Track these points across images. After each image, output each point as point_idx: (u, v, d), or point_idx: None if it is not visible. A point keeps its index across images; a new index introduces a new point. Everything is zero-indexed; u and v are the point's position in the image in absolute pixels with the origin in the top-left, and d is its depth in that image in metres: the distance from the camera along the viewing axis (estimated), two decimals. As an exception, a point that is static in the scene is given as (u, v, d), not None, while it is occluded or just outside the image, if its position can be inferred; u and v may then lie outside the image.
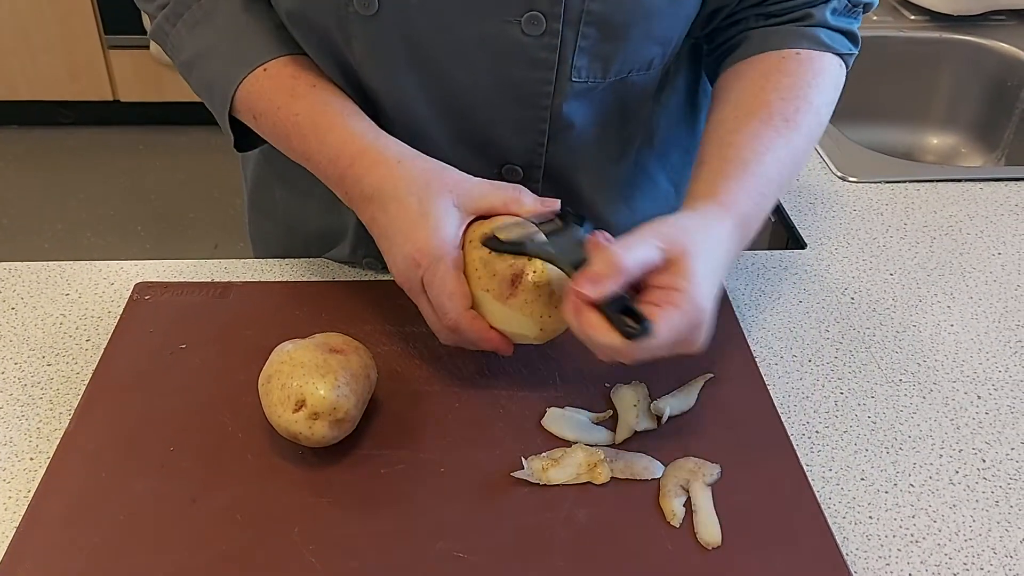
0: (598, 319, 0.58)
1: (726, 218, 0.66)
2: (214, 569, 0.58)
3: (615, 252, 0.58)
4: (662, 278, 0.60)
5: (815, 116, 0.73)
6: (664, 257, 0.60)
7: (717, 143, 0.71)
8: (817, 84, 0.74)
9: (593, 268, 0.58)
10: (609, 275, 0.58)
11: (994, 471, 0.68)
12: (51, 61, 2.82)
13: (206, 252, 2.50)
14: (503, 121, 0.74)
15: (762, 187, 0.68)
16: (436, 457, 0.66)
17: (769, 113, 0.71)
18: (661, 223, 0.62)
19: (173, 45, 0.75)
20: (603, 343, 0.58)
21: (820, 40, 0.75)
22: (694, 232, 0.62)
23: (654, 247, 0.60)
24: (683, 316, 0.58)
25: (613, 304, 0.58)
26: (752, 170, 0.68)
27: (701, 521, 0.61)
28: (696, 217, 0.65)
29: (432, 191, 0.65)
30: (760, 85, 0.73)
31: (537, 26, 0.67)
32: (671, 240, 0.60)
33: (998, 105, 1.40)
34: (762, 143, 0.69)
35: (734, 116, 0.72)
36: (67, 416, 0.70)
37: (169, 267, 0.85)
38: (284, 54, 0.72)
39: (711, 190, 0.67)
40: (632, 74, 0.74)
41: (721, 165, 0.69)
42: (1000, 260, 0.91)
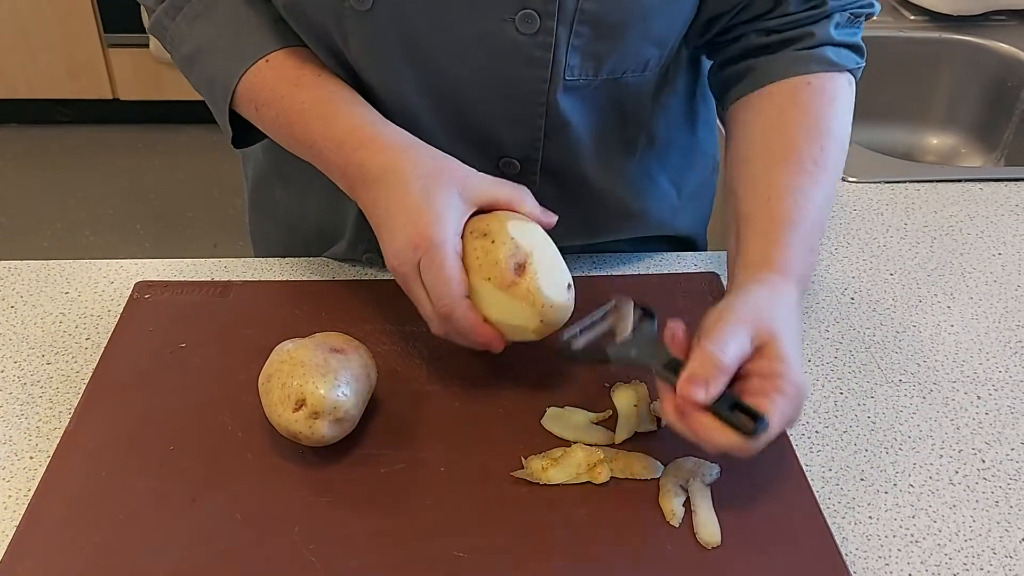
0: (712, 421, 0.58)
1: (790, 284, 0.66)
2: (214, 568, 0.58)
3: (714, 352, 0.58)
4: (759, 365, 0.60)
5: (839, 149, 0.73)
6: (754, 344, 0.60)
7: (755, 200, 0.70)
8: (834, 113, 0.73)
9: (695, 371, 0.58)
10: (714, 377, 0.58)
11: (994, 471, 0.68)
12: (50, 59, 2.81)
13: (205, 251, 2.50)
14: (499, 116, 0.74)
15: (810, 241, 0.68)
16: (436, 456, 0.66)
17: (798, 159, 0.70)
18: (740, 308, 0.62)
19: (172, 39, 0.75)
20: (722, 444, 0.58)
21: (829, 60, 0.74)
22: (773, 310, 0.62)
23: (745, 336, 0.60)
24: (789, 400, 0.59)
25: (722, 403, 0.58)
26: (799, 228, 0.68)
27: (700, 521, 0.61)
28: (766, 293, 0.65)
29: (439, 179, 0.65)
30: (779, 126, 0.72)
31: (531, 24, 0.67)
32: (757, 325, 0.61)
33: (998, 105, 1.40)
34: (801, 194, 0.69)
35: (761, 160, 0.71)
36: (67, 415, 0.70)
37: (169, 266, 0.85)
38: (286, 45, 0.72)
39: (767, 259, 0.67)
40: (627, 75, 0.74)
41: (769, 228, 0.68)
42: (1000, 260, 0.91)
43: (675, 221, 0.90)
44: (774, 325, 0.61)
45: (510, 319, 0.65)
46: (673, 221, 0.90)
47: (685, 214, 0.91)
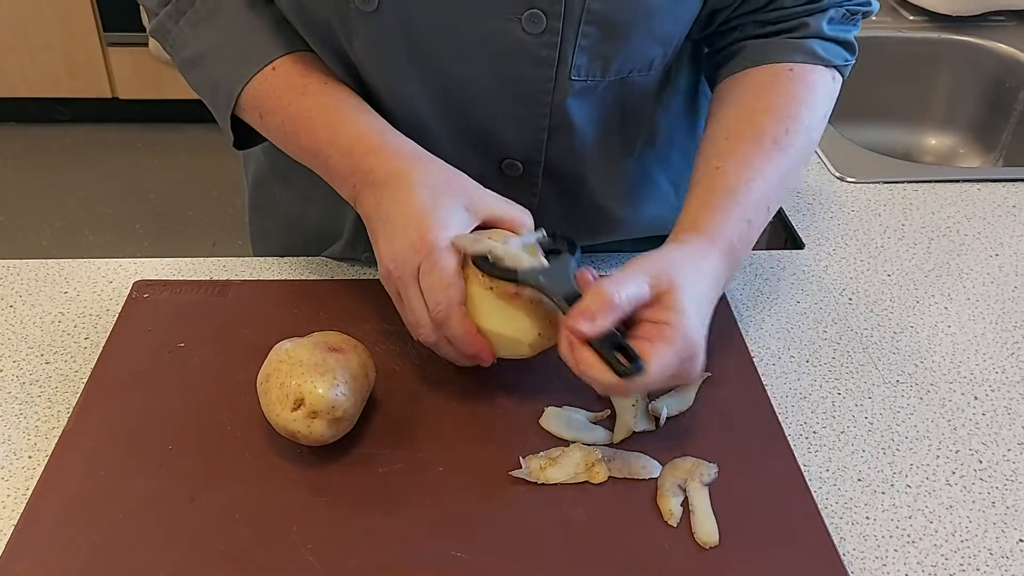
0: (592, 356, 0.59)
1: (711, 249, 0.67)
2: (213, 568, 0.58)
3: (607, 289, 0.60)
4: (651, 312, 0.61)
5: (805, 136, 0.73)
6: (652, 292, 0.61)
7: (705, 169, 0.72)
8: (808, 102, 0.74)
9: (586, 304, 0.60)
10: (602, 312, 0.59)
11: (991, 472, 0.68)
12: (50, 58, 2.81)
13: (204, 250, 2.50)
14: (503, 117, 0.74)
15: (748, 214, 0.69)
16: (434, 456, 0.66)
17: (759, 136, 0.71)
18: (648, 258, 0.64)
19: (174, 42, 0.75)
20: (598, 380, 0.60)
21: (814, 53, 0.75)
22: (682, 265, 0.64)
23: (643, 282, 0.61)
24: (674, 350, 0.60)
25: (606, 341, 0.59)
26: (738, 198, 0.69)
27: (698, 521, 0.62)
28: (682, 250, 0.67)
29: (447, 189, 0.66)
30: (752, 105, 0.74)
31: (537, 24, 0.67)
32: (659, 275, 0.62)
33: (996, 106, 1.41)
34: (750, 168, 0.70)
35: (724, 139, 0.73)
36: (66, 414, 0.70)
37: (168, 265, 0.85)
38: (290, 51, 0.72)
39: (696, 222, 0.69)
40: (633, 74, 0.74)
41: (707, 195, 0.70)
42: (997, 261, 0.91)
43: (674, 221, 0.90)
44: (676, 278, 0.62)
45: (508, 331, 0.65)
46: (673, 221, 0.90)
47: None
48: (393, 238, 0.65)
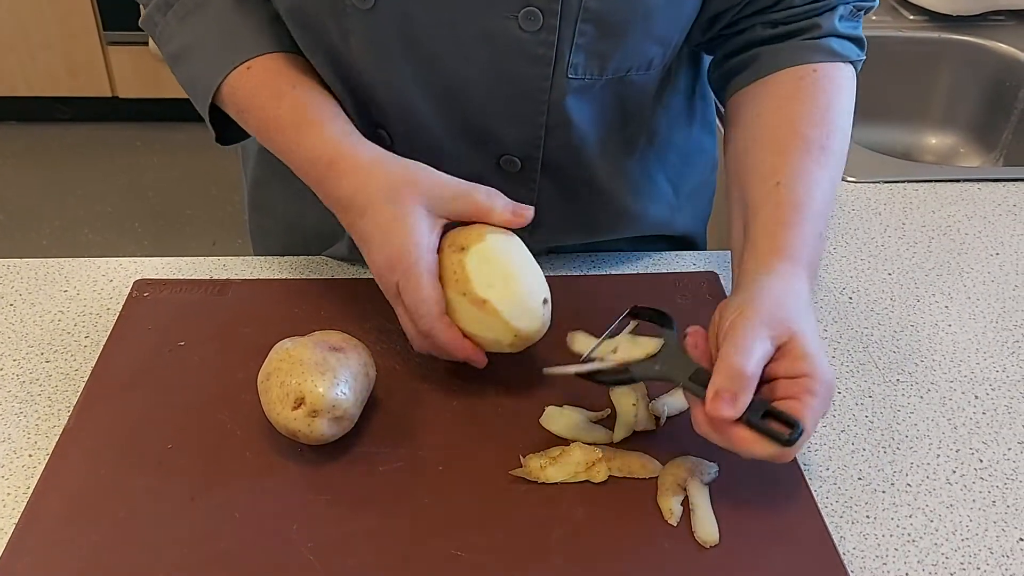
0: (749, 434, 0.58)
1: (800, 273, 0.65)
2: (212, 566, 0.58)
3: (737, 363, 0.58)
4: (783, 366, 0.59)
5: (843, 136, 0.72)
6: (775, 345, 0.59)
7: (765, 187, 0.69)
8: (839, 103, 0.73)
9: (721, 386, 0.58)
10: (741, 388, 0.57)
11: (991, 471, 0.68)
12: (50, 57, 2.81)
13: (204, 249, 2.50)
14: (501, 114, 0.74)
15: (819, 227, 0.68)
16: (434, 455, 0.66)
17: (805, 144, 0.70)
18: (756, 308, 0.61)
19: (161, 35, 0.76)
20: (761, 455, 0.58)
21: (833, 51, 0.74)
22: (789, 306, 0.61)
23: (766, 340, 0.59)
24: (820, 400, 0.58)
25: (754, 412, 0.58)
26: (807, 213, 0.67)
27: (699, 520, 0.62)
28: (777, 283, 0.64)
29: (403, 197, 0.65)
30: (785, 113, 0.72)
31: (534, 22, 0.67)
32: (777, 326, 0.60)
33: (997, 105, 1.41)
34: (808, 179, 0.68)
35: (768, 146, 0.71)
36: (66, 413, 0.70)
37: (168, 264, 0.85)
38: (271, 51, 0.72)
39: (776, 244, 0.66)
40: (631, 73, 0.74)
41: (778, 213, 0.67)
42: (998, 260, 0.91)
43: (674, 220, 0.90)
44: (793, 322, 0.60)
45: (485, 333, 0.66)
46: (672, 220, 0.90)
47: (684, 213, 0.91)
48: (372, 258, 0.67)
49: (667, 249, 0.91)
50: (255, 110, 0.71)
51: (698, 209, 0.94)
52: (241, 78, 0.71)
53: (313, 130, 0.70)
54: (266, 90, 0.71)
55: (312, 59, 0.73)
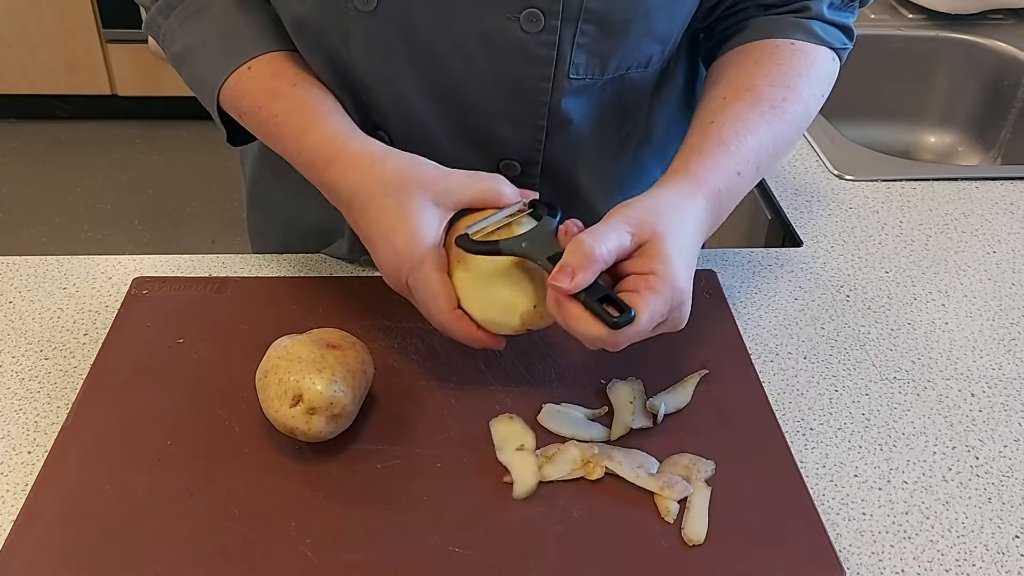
0: (580, 311, 0.59)
1: (697, 193, 0.66)
2: (211, 563, 0.58)
3: (587, 243, 0.59)
4: (636, 263, 0.61)
5: (803, 106, 0.73)
6: (635, 241, 0.61)
7: (699, 125, 0.71)
8: (808, 75, 0.74)
9: (566, 260, 0.59)
10: (583, 266, 0.59)
11: (987, 468, 0.69)
12: (49, 55, 2.81)
13: (203, 247, 2.50)
14: (501, 116, 0.74)
15: (738, 166, 0.69)
16: (432, 452, 0.66)
17: (756, 98, 0.71)
18: (631, 205, 0.63)
19: (165, 37, 0.76)
20: (588, 334, 0.59)
21: (815, 33, 0.76)
22: (664, 212, 0.63)
23: (624, 232, 0.61)
24: (662, 299, 0.60)
25: (592, 294, 0.59)
26: (730, 149, 0.69)
27: (691, 518, 0.62)
28: (667, 194, 0.66)
29: (407, 191, 0.65)
30: (751, 71, 0.74)
31: (536, 23, 0.67)
32: (640, 223, 0.61)
33: (995, 104, 1.41)
34: (744, 125, 0.70)
35: (721, 97, 0.72)
36: (64, 410, 0.70)
37: (167, 262, 0.85)
38: (272, 50, 0.72)
39: (686, 165, 0.68)
40: (631, 71, 0.75)
41: (699, 142, 0.69)
42: (995, 259, 0.92)
43: None
44: (660, 226, 0.62)
45: (495, 314, 0.65)
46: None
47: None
48: (377, 257, 0.67)
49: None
50: (256, 111, 0.71)
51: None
52: (241, 80, 0.71)
53: (313, 128, 0.70)
54: (264, 91, 0.71)
55: (312, 62, 0.73)
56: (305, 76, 0.72)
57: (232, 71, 0.72)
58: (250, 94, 0.72)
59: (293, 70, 0.72)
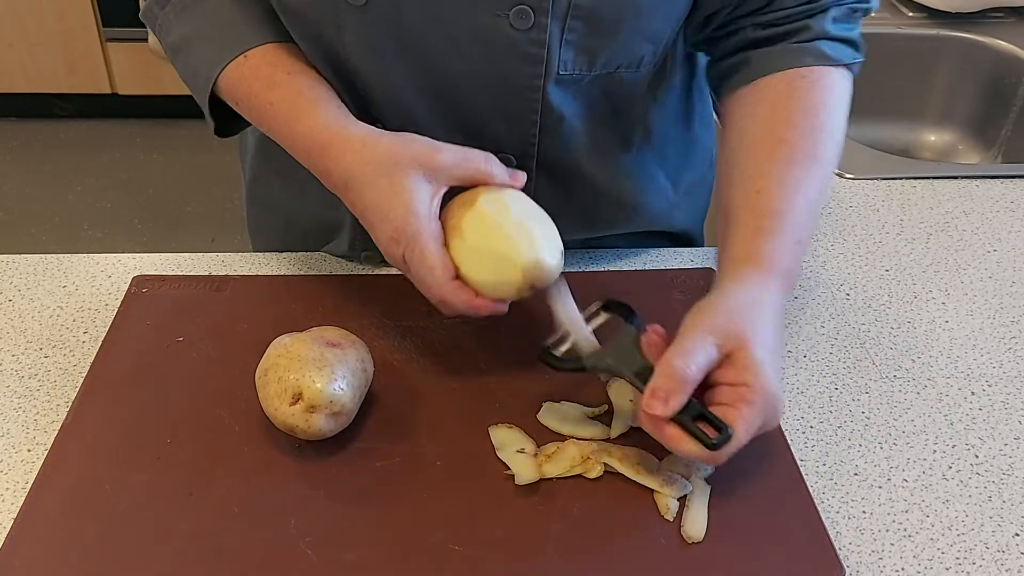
0: (678, 432, 0.59)
1: (771, 282, 0.65)
2: (210, 561, 0.58)
3: (677, 366, 0.59)
4: (727, 374, 0.60)
5: (834, 143, 0.72)
6: (722, 352, 0.60)
7: (743, 192, 0.69)
8: (829, 108, 0.73)
9: (658, 385, 0.59)
10: (676, 390, 0.58)
11: (987, 467, 0.69)
12: (49, 54, 2.81)
13: (203, 246, 2.50)
14: (494, 111, 0.74)
15: (798, 235, 0.68)
16: (432, 450, 0.66)
17: (792, 152, 0.69)
18: (711, 313, 0.62)
19: (161, 28, 0.76)
20: (688, 453, 0.59)
21: (824, 54, 0.73)
22: (746, 314, 0.62)
23: (711, 346, 0.60)
24: (757, 410, 0.59)
25: (687, 413, 0.59)
26: (787, 221, 0.67)
27: (690, 516, 0.62)
28: (743, 292, 0.64)
29: (400, 168, 0.65)
30: (774, 119, 0.72)
31: (525, 20, 0.67)
32: (726, 333, 0.60)
33: (995, 103, 1.41)
34: (792, 187, 0.68)
35: (755, 158, 0.71)
36: (64, 408, 0.70)
37: (167, 260, 0.85)
38: (268, 41, 0.72)
39: (749, 252, 0.66)
40: (621, 70, 0.74)
41: (756, 220, 0.67)
42: (995, 257, 0.92)
43: (672, 217, 0.90)
44: (745, 332, 0.61)
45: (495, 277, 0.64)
46: (670, 217, 0.90)
47: (682, 210, 0.91)
48: (375, 234, 0.67)
49: (665, 245, 0.91)
50: (251, 98, 0.72)
51: (696, 205, 0.94)
52: (239, 69, 0.72)
53: (307, 116, 0.70)
54: (260, 80, 0.71)
55: (308, 54, 0.73)
56: (301, 65, 0.73)
57: (228, 62, 0.72)
58: (246, 82, 0.72)
59: (289, 59, 0.72)
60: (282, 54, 0.72)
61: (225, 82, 0.72)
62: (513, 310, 0.68)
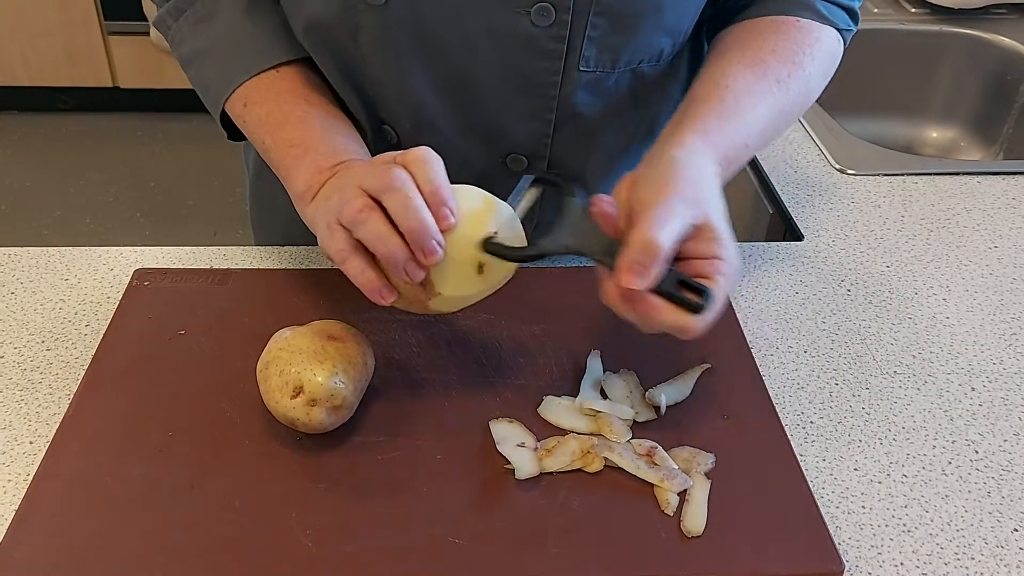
0: (661, 302, 0.58)
1: (711, 154, 0.66)
2: (211, 554, 0.59)
3: (652, 235, 0.57)
4: (699, 247, 0.60)
5: (805, 83, 0.74)
6: (692, 223, 0.60)
7: (713, 84, 0.71)
8: (812, 52, 0.74)
9: (634, 258, 0.57)
10: (653, 261, 0.57)
11: (987, 462, 0.69)
12: (50, 47, 2.81)
13: (205, 240, 2.50)
14: (510, 110, 0.74)
15: (748, 138, 0.69)
16: (432, 444, 0.66)
17: (764, 71, 0.72)
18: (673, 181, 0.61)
19: (173, 38, 0.77)
20: (672, 323, 0.58)
21: (820, 12, 0.76)
22: (705, 186, 0.62)
23: (685, 217, 0.59)
24: (729, 280, 0.60)
25: (666, 281, 0.57)
26: (743, 121, 0.69)
27: (690, 510, 0.62)
28: (695, 161, 0.64)
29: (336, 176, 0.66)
30: (758, 43, 0.74)
31: (547, 17, 0.67)
32: (695, 204, 0.60)
33: (998, 99, 1.41)
34: (754, 97, 0.70)
35: (730, 63, 0.72)
36: (66, 401, 0.70)
37: (168, 253, 0.85)
38: (280, 60, 0.73)
39: (702, 124, 0.67)
40: (642, 65, 0.75)
41: (718, 106, 0.69)
42: (996, 253, 0.92)
43: None
44: (708, 204, 0.61)
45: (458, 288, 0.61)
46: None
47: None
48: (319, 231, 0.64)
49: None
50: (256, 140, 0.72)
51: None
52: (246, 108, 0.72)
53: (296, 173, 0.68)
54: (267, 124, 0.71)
55: (320, 60, 0.73)
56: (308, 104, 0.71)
57: (237, 85, 0.72)
58: (250, 126, 0.72)
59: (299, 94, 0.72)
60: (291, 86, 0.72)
61: (234, 110, 0.73)
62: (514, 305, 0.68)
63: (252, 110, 0.73)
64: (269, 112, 0.71)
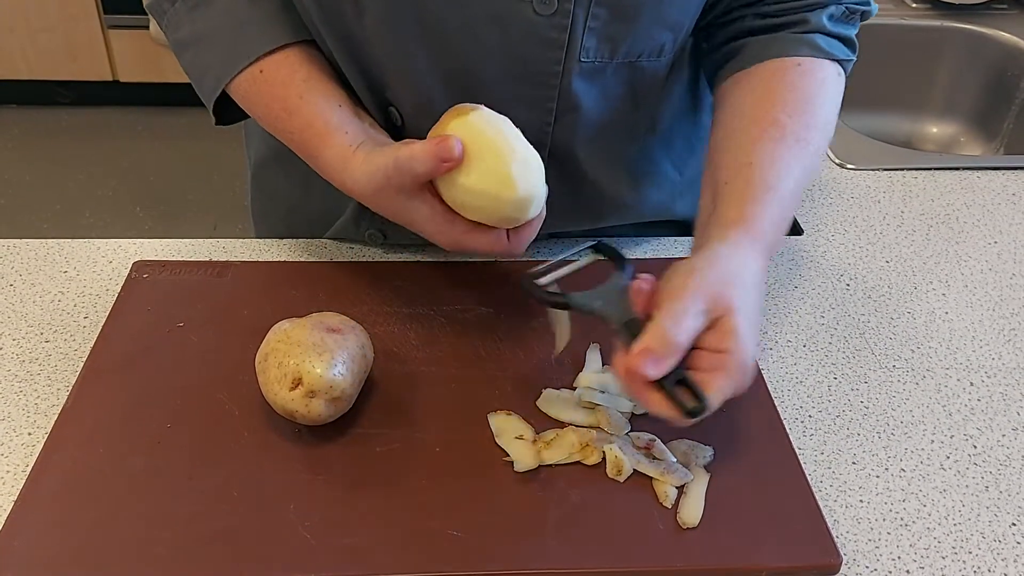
0: (658, 396, 0.59)
1: (758, 248, 0.66)
2: (210, 545, 0.59)
3: (669, 330, 0.59)
4: (710, 339, 0.60)
5: (822, 133, 0.73)
6: (710, 317, 0.60)
7: (736, 162, 0.70)
8: (821, 98, 0.74)
9: (649, 345, 0.59)
10: (666, 355, 0.58)
11: (985, 457, 0.69)
12: (50, 41, 2.81)
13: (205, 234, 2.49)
14: (511, 98, 0.74)
15: (784, 210, 0.69)
16: (431, 436, 0.66)
17: (782, 133, 0.71)
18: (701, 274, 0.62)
19: (169, 23, 0.76)
20: (661, 415, 0.60)
21: (819, 47, 0.75)
22: (734, 282, 0.62)
23: (701, 311, 0.60)
24: (734, 381, 0.60)
25: (670, 377, 0.59)
26: (776, 195, 0.68)
27: (688, 503, 0.62)
28: (731, 256, 0.64)
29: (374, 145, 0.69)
30: (768, 100, 0.73)
31: (549, 5, 0.67)
32: (716, 299, 0.60)
33: (998, 94, 1.40)
34: (782, 166, 0.69)
35: (746, 131, 0.72)
36: (65, 392, 0.70)
37: (167, 246, 0.85)
38: (281, 43, 0.72)
39: (742, 216, 0.67)
40: (642, 59, 0.75)
41: (747, 189, 0.68)
42: (996, 249, 0.92)
43: (677, 206, 0.90)
44: (733, 299, 0.61)
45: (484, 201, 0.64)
46: (675, 206, 0.90)
47: (687, 199, 0.91)
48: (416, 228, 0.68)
49: (670, 234, 0.91)
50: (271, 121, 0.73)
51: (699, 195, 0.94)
52: (255, 84, 0.72)
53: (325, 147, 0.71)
54: (278, 100, 0.72)
55: (326, 40, 0.73)
56: (311, 84, 0.72)
57: (241, 69, 0.72)
58: (263, 101, 0.73)
59: (301, 75, 0.72)
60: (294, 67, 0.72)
61: (238, 93, 0.73)
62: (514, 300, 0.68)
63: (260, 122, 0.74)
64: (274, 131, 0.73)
